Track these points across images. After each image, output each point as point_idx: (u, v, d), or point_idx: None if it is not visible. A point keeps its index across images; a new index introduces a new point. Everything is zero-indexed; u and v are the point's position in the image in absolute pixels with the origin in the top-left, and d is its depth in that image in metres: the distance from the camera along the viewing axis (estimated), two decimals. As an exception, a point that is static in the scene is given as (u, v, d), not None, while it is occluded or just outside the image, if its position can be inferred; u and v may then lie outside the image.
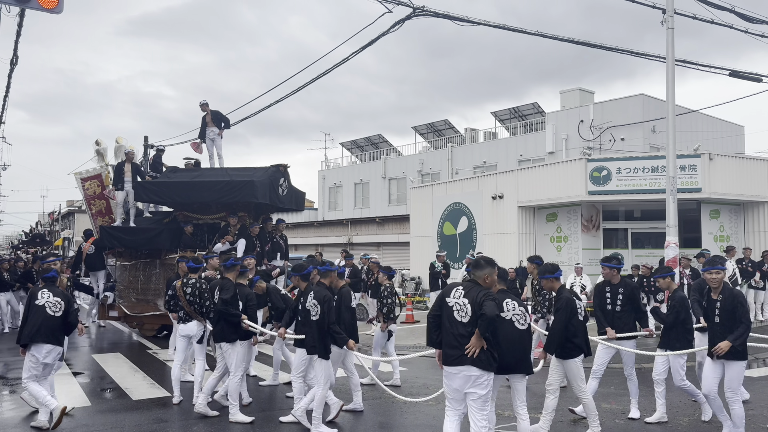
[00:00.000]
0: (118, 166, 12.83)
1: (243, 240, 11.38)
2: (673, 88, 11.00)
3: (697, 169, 14.74)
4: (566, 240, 16.81)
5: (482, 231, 18.34)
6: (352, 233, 31.62)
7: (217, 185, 11.57)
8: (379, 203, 33.32)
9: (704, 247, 14.78)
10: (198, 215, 12.41)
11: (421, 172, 31.10)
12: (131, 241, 12.34)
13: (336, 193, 36.65)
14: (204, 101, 13.64)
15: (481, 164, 28.09)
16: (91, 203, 14.00)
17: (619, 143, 22.54)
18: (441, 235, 19.78)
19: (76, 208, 58.88)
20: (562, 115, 25.20)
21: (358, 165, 36.75)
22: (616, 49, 12.65)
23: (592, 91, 27.40)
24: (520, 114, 29.72)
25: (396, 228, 28.47)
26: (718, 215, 15.76)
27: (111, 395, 7.98)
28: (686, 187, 14.58)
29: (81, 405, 7.33)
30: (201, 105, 13.64)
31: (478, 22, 11.09)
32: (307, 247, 31.38)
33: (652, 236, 15.94)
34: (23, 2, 7.28)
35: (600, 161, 15.85)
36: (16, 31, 11.60)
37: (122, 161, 12.72)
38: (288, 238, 13.54)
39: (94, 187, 13.88)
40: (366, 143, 37.60)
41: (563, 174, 16.36)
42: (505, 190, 17.77)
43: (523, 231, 17.35)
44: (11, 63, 12.88)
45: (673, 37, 10.98)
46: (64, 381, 8.60)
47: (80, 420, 6.72)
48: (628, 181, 15.29)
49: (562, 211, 16.89)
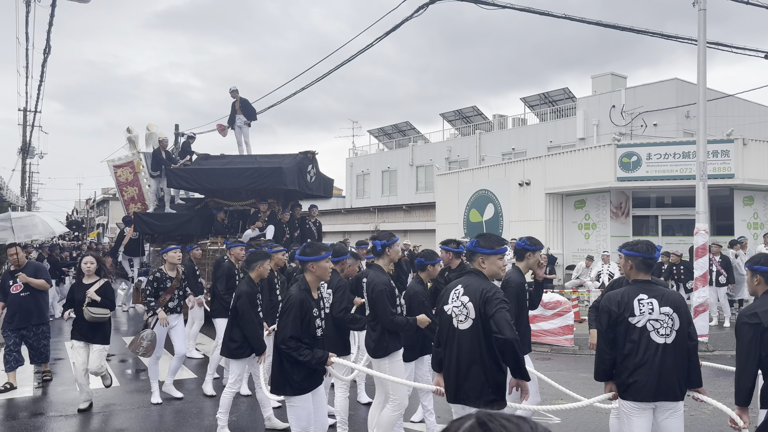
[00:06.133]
0: (155, 152, 13.12)
1: (272, 226, 11.50)
2: (705, 71, 10.71)
3: (730, 155, 14.36)
4: (595, 227, 16.58)
5: (509, 218, 18.19)
6: (379, 221, 31.69)
7: (246, 172, 11.74)
8: (407, 191, 33.29)
9: (738, 234, 14.45)
10: (228, 202, 12.66)
11: (449, 160, 30.93)
12: (162, 227, 12.67)
13: (363, 180, 36.72)
14: (234, 88, 13.76)
15: (510, 151, 27.79)
16: (123, 190, 14.37)
17: (651, 129, 22.06)
18: (467, 222, 19.69)
19: (110, 195, 60.19)
20: (594, 101, 24.75)
21: (385, 152, 36.72)
22: (647, 32, 12.34)
23: (624, 76, 26.81)
24: (550, 100, 29.27)
25: (423, 215, 28.44)
26: (752, 202, 15.35)
27: (138, 376, 8.20)
28: (718, 173, 14.24)
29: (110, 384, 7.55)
30: (231, 91, 13.77)
31: (503, 6, 10.93)
32: (335, 234, 31.55)
33: (683, 223, 15.62)
34: (52, -8, 7.46)
35: (629, 147, 15.54)
36: (48, 21, 11.91)
37: (157, 148, 13.02)
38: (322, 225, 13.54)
39: (126, 174, 14.24)
40: (393, 131, 37.51)
41: (592, 160, 16.10)
42: (532, 176, 17.58)
43: (550, 218, 17.16)
44: (44, 52, 13.19)
45: (705, 18, 10.67)
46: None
47: (109, 399, 6.94)
48: (659, 167, 14.98)
49: (591, 197, 16.65)
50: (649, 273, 3.75)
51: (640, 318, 3.60)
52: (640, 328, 3.59)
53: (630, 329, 3.60)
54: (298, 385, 4.02)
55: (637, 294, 3.65)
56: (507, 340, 3.31)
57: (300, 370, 4.01)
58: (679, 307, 3.61)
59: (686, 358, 3.61)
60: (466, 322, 3.58)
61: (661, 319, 3.59)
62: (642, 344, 3.57)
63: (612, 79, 25.90)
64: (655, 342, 3.57)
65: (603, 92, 24.88)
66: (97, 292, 6.32)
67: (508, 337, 3.31)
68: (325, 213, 33.63)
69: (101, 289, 6.37)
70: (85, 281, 6.37)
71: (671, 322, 3.59)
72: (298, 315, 3.98)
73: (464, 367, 3.58)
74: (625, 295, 3.67)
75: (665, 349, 3.56)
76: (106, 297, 6.39)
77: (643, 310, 3.60)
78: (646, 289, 3.67)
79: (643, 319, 3.60)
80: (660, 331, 3.58)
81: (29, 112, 29.39)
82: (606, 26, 11.77)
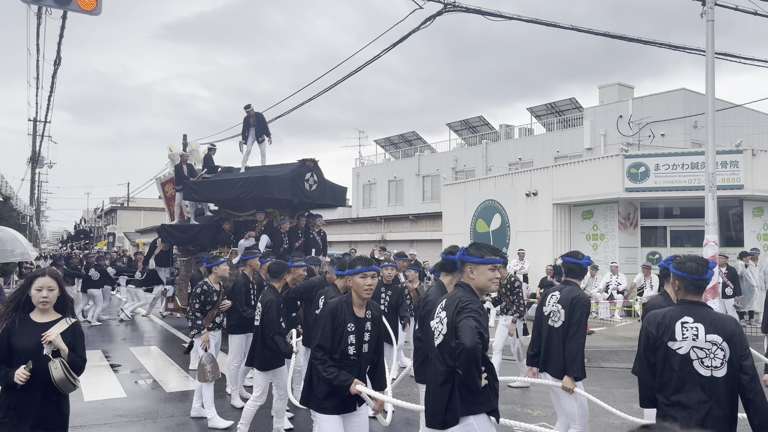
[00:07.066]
0: (176, 168, 13.78)
1: (265, 236, 11.53)
2: (713, 81, 10.69)
3: (739, 165, 14.28)
4: (603, 238, 16.49)
5: (516, 228, 18.14)
6: (386, 230, 31.65)
7: (238, 182, 11.90)
8: (413, 200, 33.27)
9: (749, 245, 14.35)
10: (236, 212, 12.79)
11: (455, 169, 30.92)
12: (180, 237, 13.25)
13: (370, 190, 36.73)
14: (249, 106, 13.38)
15: (517, 161, 27.76)
16: (169, 204, 15.18)
17: (659, 139, 22.00)
18: (474, 232, 19.65)
19: (118, 205, 60.53)
20: (601, 111, 24.72)
21: (391, 162, 36.75)
22: (654, 43, 12.34)
23: (631, 86, 26.79)
24: (556, 110, 29.26)
25: (429, 225, 28.39)
26: (762, 213, 15.25)
27: (146, 387, 8.19)
28: (727, 184, 14.15)
29: (117, 396, 7.55)
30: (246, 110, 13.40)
31: (510, 17, 10.96)
32: (341, 244, 31.53)
33: (692, 234, 15.52)
34: (63, 4, 7.52)
35: (637, 157, 15.49)
36: (59, 33, 12.01)
37: (179, 163, 13.63)
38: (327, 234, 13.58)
39: (171, 190, 15.05)
40: (400, 140, 37.56)
41: (599, 170, 16.05)
42: (539, 187, 17.54)
43: (557, 229, 17.10)
44: (54, 64, 13.31)
45: (713, 29, 10.67)
46: (102, 373, 8.88)
47: (116, 410, 6.92)
48: (667, 177, 14.91)
49: (599, 208, 16.58)
50: (699, 294, 3.27)
51: (681, 344, 3.14)
52: (681, 356, 3.12)
53: (670, 356, 3.16)
54: (319, 403, 3.80)
55: (680, 316, 3.19)
56: (464, 347, 2.96)
57: (323, 387, 3.77)
58: (732, 335, 3.08)
59: (738, 395, 3.09)
60: (439, 338, 3.34)
61: (707, 348, 3.09)
62: (683, 375, 3.10)
63: (619, 89, 25.87)
64: (699, 374, 3.08)
65: (610, 102, 24.86)
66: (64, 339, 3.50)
67: (465, 344, 2.96)
68: (332, 223, 33.63)
69: (69, 335, 3.53)
70: (37, 318, 3.53)
71: (721, 353, 3.07)
72: (329, 325, 3.77)
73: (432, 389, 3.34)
74: (667, 315, 3.23)
75: (712, 384, 3.06)
76: (75, 351, 3.55)
77: (686, 335, 3.13)
78: (693, 311, 3.19)
79: (685, 346, 3.13)
80: (705, 361, 3.09)
81: (39, 122, 29.65)
82: (613, 37, 11.77)
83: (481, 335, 3.03)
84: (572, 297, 4.61)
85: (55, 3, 7.44)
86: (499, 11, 10.77)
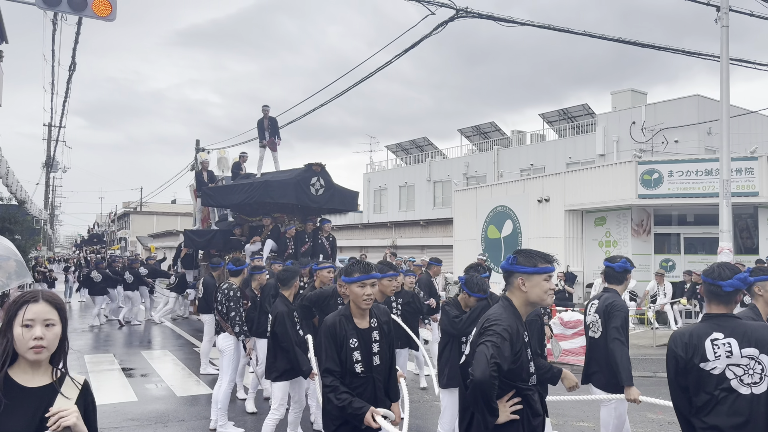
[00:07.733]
0: (197, 174, 14.04)
1: (270, 241, 11.51)
2: (728, 87, 10.61)
3: (754, 172, 14.13)
4: (615, 245, 16.36)
5: (527, 235, 18.05)
6: (397, 236, 31.63)
7: (243, 188, 11.98)
8: (424, 206, 33.23)
9: (764, 253, 14.18)
10: (249, 217, 12.85)
11: (467, 175, 30.86)
12: (198, 242, 13.59)
13: (381, 195, 36.74)
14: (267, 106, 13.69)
15: (529, 167, 27.66)
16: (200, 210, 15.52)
17: (672, 146, 21.82)
18: (485, 238, 19.58)
19: (131, 209, 60.99)
20: (614, 117, 24.58)
21: (403, 168, 36.76)
22: (668, 49, 12.26)
23: (644, 92, 26.65)
24: (569, 116, 29.14)
25: (440, 231, 28.33)
26: (778, 220, 15.07)
27: (157, 391, 8.21)
28: (742, 191, 14.00)
29: (129, 400, 7.57)
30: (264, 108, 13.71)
31: (523, 23, 10.94)
32: (352, 249, 31.55)
33: (706, 241, 15.36)
34: (79, 10, 7.60)
35: (651, 164, 15.38)
36: (74, 38, 12.14)
37: (200, 170, 13.91)
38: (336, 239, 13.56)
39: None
40: (411, 146, 37.57)
41: (612, 177, 15.95)
42: (551, 193, 17.45)
43: (570, 235, 17.00)
44: (69, 69, 13.44)
45: (728, 35, 10.59)
46: (114, 377, 8.91)
47: (127, 414, 6.94)
48: (681, 184, 14.79)
49: (612, 215, 16.46)
50: (722, 304, 2.94)
51: (715, 363, 2.81)
52: (716, 376, 2.80)
53: (704, 378, 2.82)
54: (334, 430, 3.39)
55: (709, 333, 2.86)
56: (472, 378, 2.60)
57: (336, 415, 3.32)
58: (766, 344, 2.79)
59: None
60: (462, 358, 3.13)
61: (744, 364, 2.77)
62: (721, 397, 2.78)
63: (632, 95, 25.73)
64: (738, 393, 2.76)
65: (623, 108, 24.71)
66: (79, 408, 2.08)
67: (474, 376, 2.60)
68: (342, 228, 33.67)
69: (80, 404, 2.06)
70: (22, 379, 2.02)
71: (759, 366, 2.77)
72: (331, 345, 3.33)
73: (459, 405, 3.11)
74: (694, 334, 2.89)
75: (752, 403, 2.75)
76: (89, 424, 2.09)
77: (719, 353, 2.80)
78: (722, 326, 2.86)
79: (719, 365, 2.80)
80: (744, 379, 2.76)
81: (54, 127, 29.97)
82: (626, 43, 11.71)
83: (497, 366, 2.61)
84: (607, 304, 4.43)
85: (70, 9, 7.51)
86: (512, 17, 10.76)
